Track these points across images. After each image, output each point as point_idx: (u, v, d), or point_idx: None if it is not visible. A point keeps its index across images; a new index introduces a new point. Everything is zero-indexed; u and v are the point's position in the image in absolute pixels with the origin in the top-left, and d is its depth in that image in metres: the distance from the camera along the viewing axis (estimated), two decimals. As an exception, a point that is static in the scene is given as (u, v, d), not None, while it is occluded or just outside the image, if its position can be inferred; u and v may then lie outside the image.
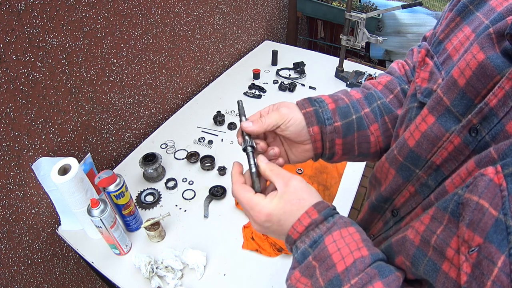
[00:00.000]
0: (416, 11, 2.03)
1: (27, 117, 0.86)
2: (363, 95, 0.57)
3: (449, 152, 0.39)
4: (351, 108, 0.54)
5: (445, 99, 0.40)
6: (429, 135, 0.42)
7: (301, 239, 0.43)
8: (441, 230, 0.35)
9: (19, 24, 0.77)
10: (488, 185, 0.31)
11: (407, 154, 0.45)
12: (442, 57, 0.46)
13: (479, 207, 0.31)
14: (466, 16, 0.44)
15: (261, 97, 1.55)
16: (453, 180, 0.38)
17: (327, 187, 1.15)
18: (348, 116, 0.53)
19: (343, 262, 0.39)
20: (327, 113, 0.52)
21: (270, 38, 2.13)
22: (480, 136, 0.36)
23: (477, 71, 0.37)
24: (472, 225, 0.31)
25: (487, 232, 0.30)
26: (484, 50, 0.37)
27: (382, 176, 0.52)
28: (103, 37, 1.01)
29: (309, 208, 0.43)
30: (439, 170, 0.41)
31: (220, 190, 1.10)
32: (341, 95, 0.56)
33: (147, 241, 0.98)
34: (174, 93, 1.45)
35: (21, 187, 0.90)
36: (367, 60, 2.28)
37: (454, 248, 0.33)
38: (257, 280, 0.90)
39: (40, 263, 1.02)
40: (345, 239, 0.41)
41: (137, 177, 1.16)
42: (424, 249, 0.37)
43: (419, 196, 0.44)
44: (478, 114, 0.36)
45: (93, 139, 1.11)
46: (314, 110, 0.52)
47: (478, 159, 0.35)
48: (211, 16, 1.50)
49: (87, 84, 1.01)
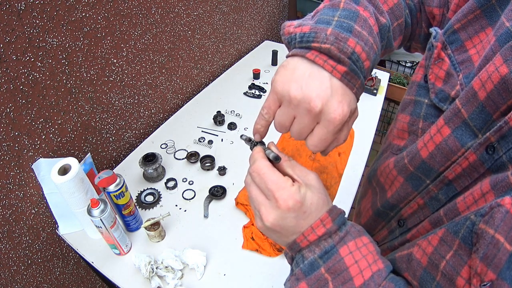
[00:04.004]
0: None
1: (27, 117, 0.86)
2: (378, 28, 0.47)
3: (463, 168, 0.38)
4: (377, 56, 0.46)
5: (463, 111, 0.38)
6: (444, 148, 0.40)
7: (309, 248, 0.39)
8: (450, 255, 0.34)
9: (19, 24, 0.77)
10: (505, 217, 0.29)
11: (419, 165, 0.44)
12: (461, 55, 0.43)
13: (495, 242, 0.30)
14: (489, 12, 0.41)
15: (261, 97, 1.55)
16: (465, 199, 0.36)
17: (327, 187, 1.15)
18: (374, 63, 0.45)
19: (361, 276, 0.37)
20: (363, 72, 0.42)
21: (270, 38, 2.13)
22: (497, 155, 0.35)
23: (499, 85, 0.34)
24: (486, 260, 0.30)
25: (500, 269, 0.29)
26: (507, 63, 0.34)
27: (386, 182, 0.51)
28: (103, 37, 1.01)
29: (323, 215, 0.39)
30: (451, 185, 0.40)
31: (220, 190, 1.10)
32: (371, 41, 0.42)
33: (147, 241, 0.98)
34: (174, 93, 1.45)
35: (21, 187, 0.90)
36: (367, 60, 2.27)
37: (464, 277, 0.32)
38: (257, 280, 0.90)
39: (40, 263, 1.02)
40: (361, 251, 0.38)
41: (137, 177, 1.16)
42: (432, 273, 0.35)
43: (427, 209, 0.43)
44: (497, 132, 0.34)
45: (93, 139, 1.11)
46: (361, 82, 0.42)
47: (494, 182, 0.33)
48: (211, 16, 1.50)
49: (87, 84, 1.01)
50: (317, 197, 0.39)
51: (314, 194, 0.39)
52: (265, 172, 0.39)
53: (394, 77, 2.37)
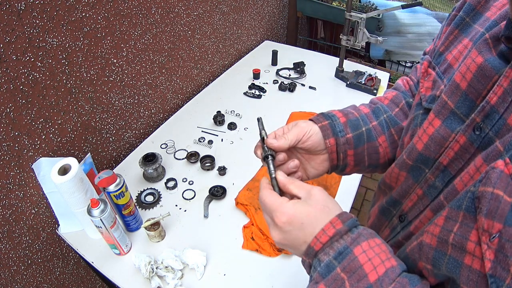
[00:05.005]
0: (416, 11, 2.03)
1: (27, 117, 0.86)
2: (370, 110, 0.61)
3: (455, 151, 0.42)
4: (360, 121, 0.57)
5: (450, 103, 0.43)
6: (436, 137, 0.44)
7: (324, 251, 0.41)
8: (457, 227, 0.36)
9: (19, 24, 0.77)
10: (500, 175, 0.32)
11: (416, 157, 0.47)
12: (443, 66, 0.49)
13: (495, 197, 0.32)
14: (464, 28, 0.48)
15: (261, 97, 1.55)
16: (462, 178, 0.39)
17: (327, 187, 1.15)
18: (358, 128, 0.56)
19: (375, 272, 0.38)
20: (339, 125, 0.55)
21: (270, 38, 2.13)
22: (484, 133, 0.38)
23: (477, 73, 0.40)
24: (490, 214, 0.32)
25: (505, 217, 0.31)
26: (482, 54, 0.40)
27: (392, 181, 0.54)
28: (103, 37, 1.01)
29: (333, 218, 0.42)
30: (446, 170, 0.43)
31: (220, 190, 1.10)
32: (350, 110, 0.59)
33: (147, 241, 0.98)
34: (174, 93, 1.45)
35: (21, 187, 0.90)
36: (367, 60, 2.28)
37: (474, 240, 0.34)
38: (257, 280, 0.90)
39: (40, 263, 1.02)
40: (374, 250, 0.40)
41: (137, 177, 1.16)
42: (443, 249, 0.37)
43: (426, 198, 0.46)
44: (480, 112, 0.38)
45: (93, 139, 1.11)
46: (329, 124, 0.55)
47: (485, 155, 0.36)
48: (211, 16, 1.50)
49: (87, 84, 1.01)
50: (315, 209, 0.43)
51: (311, 206, 0.43)
52: (265, 199, 0.45)
53: (394, 77, 2.37)
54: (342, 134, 0.55)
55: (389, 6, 1.98)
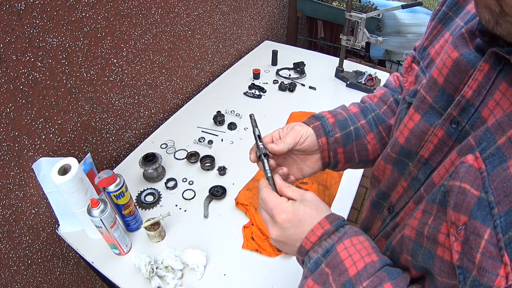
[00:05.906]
0: (416, 11, 2.03)
1: (27, 117, 0.86)
2: (359, 109, 0.64)
3: (434, 144, 0.43)
4: (348, 121, 0.60)
5: (428, 98, 0.44)
6: (416, 131, 0.45)
7: (314, 249, 0.44)
8: (431, 220, 0.37)
9: (19, 24, 0.77)
10: (468, 170, 0.33)
11: (399, 150, 0.49)
12: (426, 61, 0.50)
13: (461, 190, 0.33)
14: (447, 22, 0.49)
15: (261, 97, 1.55)
16: (439, 171, 0.41)
17: (327, 187, 1.15)
18: (346, 127, 0.60)
19: (355, 267, 0.41)
20: (328, 126, 0.59)
21: (270, 38, 2.13)
22: (461, 127, 0.39)
23: (453, 68, 0.40)
24: (456, 207, 0.34)
25: (470, 210, 0.32)
26: (457, 48, 0.40)
27: (379, 174, 0.56)
28: (103, 37, 1.01)
29: (321, 220, 0.45)
30: (428, 163, 0.44)
31: (220, 190, 1.10)
32: (339, 111, 0.63)
33: (147, 241, 0.98)
34: (174, 93, 1.45)
35: (21, 187, 0.90)
36: (367, 60, 2.28)
37: (444, 232, 0.36)
38: (257, 280, 0.90)
39: (40, 263, 1.02)
40: (355, 246, 0.43)
41: (137, 177, 1.16)
42: (420, 241, 0.39)
43: (411, 191, 0.47)
44: (456, 106, 0.39)
45: (93, 139, 1.11)
46: (320, 124, 0.59)
47: (459, 149, 0.37)
48: (211, 16, 1.50)
49: (87, 84, 1.01)
50: (310, 208, 0.46)
51: (307, 206, 0.46)
52: (266, 197, 0.48)
53: (394, 77, 2.37)
54: (331, 134, 0.58)
55: (389, 6, 1.98)
